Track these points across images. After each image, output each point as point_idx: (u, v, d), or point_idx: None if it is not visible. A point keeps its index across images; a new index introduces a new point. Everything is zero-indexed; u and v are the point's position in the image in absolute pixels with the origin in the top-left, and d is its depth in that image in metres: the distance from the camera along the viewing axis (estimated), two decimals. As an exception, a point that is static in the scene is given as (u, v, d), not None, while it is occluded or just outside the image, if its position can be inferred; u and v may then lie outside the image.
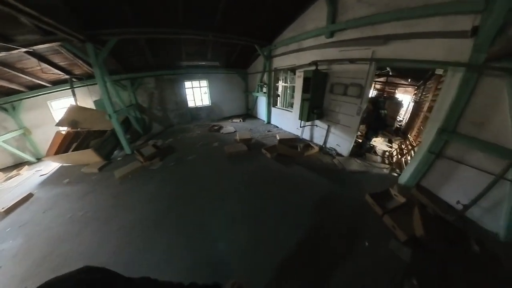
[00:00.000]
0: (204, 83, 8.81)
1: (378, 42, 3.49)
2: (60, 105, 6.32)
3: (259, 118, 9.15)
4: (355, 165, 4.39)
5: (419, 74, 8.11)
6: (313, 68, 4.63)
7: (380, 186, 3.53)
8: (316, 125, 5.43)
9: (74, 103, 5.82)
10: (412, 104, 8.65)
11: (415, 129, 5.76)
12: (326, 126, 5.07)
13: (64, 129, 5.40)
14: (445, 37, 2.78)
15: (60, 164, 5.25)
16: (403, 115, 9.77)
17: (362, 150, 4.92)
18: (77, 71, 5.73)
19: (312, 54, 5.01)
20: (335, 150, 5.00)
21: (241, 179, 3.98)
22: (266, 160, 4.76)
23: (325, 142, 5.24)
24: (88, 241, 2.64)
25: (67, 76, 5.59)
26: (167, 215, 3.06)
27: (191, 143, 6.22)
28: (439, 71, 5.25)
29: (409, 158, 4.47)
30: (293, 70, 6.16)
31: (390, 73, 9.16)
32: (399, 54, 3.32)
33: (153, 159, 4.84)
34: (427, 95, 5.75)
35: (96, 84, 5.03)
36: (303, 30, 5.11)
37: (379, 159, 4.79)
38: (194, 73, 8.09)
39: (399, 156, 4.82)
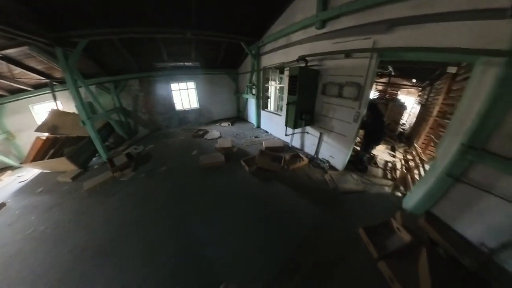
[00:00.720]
0: (191, 84, 8.09)
1: (380, 29, 2.67)
2: (43, 109, 5.94)
3: (249, 122, 8.35)
4: (351, 182, 3.58)
5: (424, 74, 7.23)
6: (301, 64, 3.83)
7: (380, 212, 2.79)
8: (307, 132, 4.62)
9: (56, 108, 5.60)
10: (416, 106, 7.76)
11: (423, 136, 4.91)
12: (318, 134, 4.24)
13: (44, 135, 5.12)
14: (471, 19, 1.97)
15: (40, 171, 4.97)
16: (407, 118, 8.88)
17: (361, 166, 3.99)
18: (57, 75, 5.42)
19: (301, 49, 4.20)
20: (328, 162, 4.18)
21: (208, 198, 3.32)
22: (243, 175, 3.99)
23: (316, 152, 4.42)
24: (39, 263, 2.38)
25: (47, 80, 5.34)
26: (119, 241, 2.63)
27: (170, 150, 5.69)
28: (452, 70, 4.41)
29: (416, 173, 3.64)
30: (281, 68, 5.37)
31: (393, 73, 8.29)
32: (407, 43, 2.50)
33: (124, 170, 4.32)
34: (436, 97, 4.89)
35: (80, 87, 4.77)
36: (292, 22, 4.31)
37: (380, 172, 3.97)
38: (180, 75, 7.43)
39: (404, 170, 4.00)
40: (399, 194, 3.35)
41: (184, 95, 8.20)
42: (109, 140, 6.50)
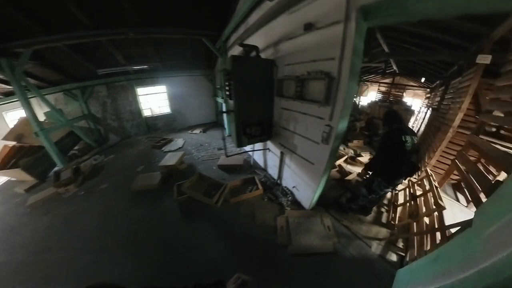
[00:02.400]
0: (161, 88, 6.92)
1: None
2: (17, 116, 5.59)
3: (225, 128, 7.03)
4: (317, 233, 2.12)
5: (436, 70, 5.57)
6: (240, 54, 2.45)
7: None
8: (268, 149, 3.20)
9: (24, 116, 5.19)
10: (425, 110, 6.04)
11: (437, 153, 3.30)
12: (278, 153, 2.82)
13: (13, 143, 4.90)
14: None
15: (7, 178, 4.56)
16: (413, 124, 7.13)
17: (349, 207, 2.44)
18: (23, 83, 5.04)
19: (260, 36, 2.82)
20: (291, 195, 2.74)
21: (114, 236, 2.44)
22: (169, 205, 2.83)
23: (279, 177, 2.99)
24: None
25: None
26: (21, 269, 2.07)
27: (123, 163, 4.95)
28: (484, 59, 2.82)
29: (426, 222, 2.09)
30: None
31: (397, 71, 6.63)
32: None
33: (68, 185, 3.73)
34: (456, 100, 3.28)
35: (46, 94, 4.81)
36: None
37: (370, 217, 2.47)
38: (147, 78, 6.30)
39: (407, 211, 2.46)
40: (392, 259, 1.91)
41: (154, 100, 7.08)
42: (75, 148, 5.98)
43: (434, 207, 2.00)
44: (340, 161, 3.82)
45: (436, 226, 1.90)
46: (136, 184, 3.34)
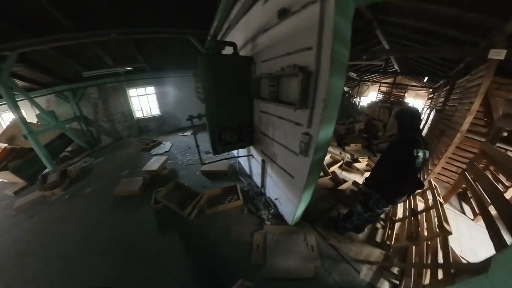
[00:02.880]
0: (151, 89, 6.71)
1: None
2: (11, 117, 5.69)
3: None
4: (297, 253, 1.80)
5: (441, 69, 5.15)
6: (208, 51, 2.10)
7: None
8: (251, 155, 2.88)
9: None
10: (428, 111, 5.60)
11: (443, 160, 2.91)
12: (260, 160, 2.49)
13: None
14: None
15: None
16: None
17: (345, 225, 2.05)
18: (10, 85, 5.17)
19: (239, 32, 2.50)
20: (273, 206, 2.40)
21: (96, 244, 2.31)
22: (146, 213, 2.67)
23: (263, 185, 2.67)
24: None
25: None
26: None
27: (111, 165, 4.81)
28: (498, 54, 2.43)
29: (427, 244, 1.72)
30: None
31: (398, 70, 6.21)
32: None
33: (55, 188, 3.59)
34: (463, 101, 2.89)
35: (37, 96, 4.87)
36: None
37: (362, 235, 2.12)
38: (137, 79, 6.09)
39: (405, 229, 2.10)
40: (386, 285, 1.62)
41: (145, 101, 6.87)
42: (67, 150, 5.95)
43: (437, 230, 1.64)
44: (334, 167, 3.45)
45: (440, 255, 1.55)
46: (118, 190, 3.18)
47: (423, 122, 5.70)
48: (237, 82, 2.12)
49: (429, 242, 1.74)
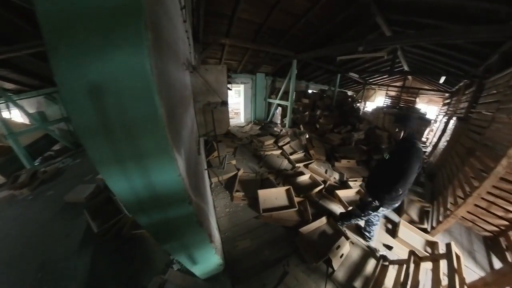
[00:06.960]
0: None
1: None
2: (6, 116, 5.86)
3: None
4: None
5: (462, 67, 4.04)
6: None
7: None
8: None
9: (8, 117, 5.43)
10: (445, 120, 4.37)
11: (473, 198, 1.85)
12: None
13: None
14: None
15: None
16: (429, 138, 5.45)
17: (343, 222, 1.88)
18: (8, 86, 5.20)
19: None
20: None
21: (22, 251, 2.04)
22: (80, 225, 2.29)
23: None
24: None
25: None
26: None
27: (81, 169, 4.45)
28: None
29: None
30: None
31: (406, 69, 5.08)
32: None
33: (23, 188, 3.47)
34: (505, 106, 1.85)
35: (27, 98, 4.91)
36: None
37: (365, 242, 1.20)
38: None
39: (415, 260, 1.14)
40: None
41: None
42: (53, 149, 5.97)
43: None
44: (313, 193, 2.43)
45: None
46: (69, 196, 2.87)
47: (439, 132, 4.51)
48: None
49: None
